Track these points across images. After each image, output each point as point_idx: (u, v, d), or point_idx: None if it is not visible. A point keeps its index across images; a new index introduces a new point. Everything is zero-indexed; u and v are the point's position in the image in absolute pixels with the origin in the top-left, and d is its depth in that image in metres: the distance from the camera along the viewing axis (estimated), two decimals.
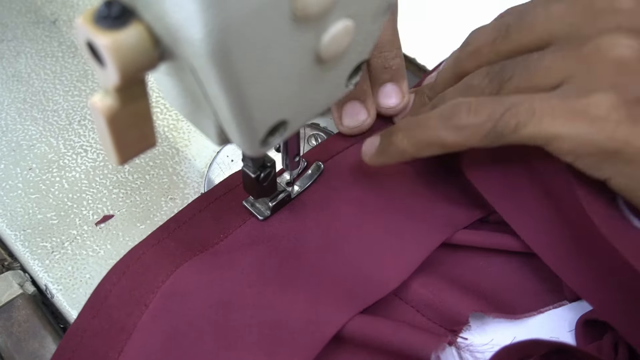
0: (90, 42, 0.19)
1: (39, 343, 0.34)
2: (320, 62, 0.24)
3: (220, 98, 0.21)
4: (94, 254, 0.37)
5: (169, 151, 0.42)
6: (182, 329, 0.31)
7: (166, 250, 0.33)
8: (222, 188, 0.37)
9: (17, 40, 0.49)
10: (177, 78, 0.24)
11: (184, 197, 0.40)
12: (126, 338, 0.31)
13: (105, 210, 0.39)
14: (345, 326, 0.30)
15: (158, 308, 0.31)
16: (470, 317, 0.32)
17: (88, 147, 0.43)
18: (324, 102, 0.27)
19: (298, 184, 0.37)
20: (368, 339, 0.30)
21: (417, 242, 0.34)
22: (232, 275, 0.33)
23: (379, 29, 0.26)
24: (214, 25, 0.18)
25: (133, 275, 0.32)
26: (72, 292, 0.36)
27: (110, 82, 0.20)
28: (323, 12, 0.21)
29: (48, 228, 0.38)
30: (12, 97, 0.46)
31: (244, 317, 0.31)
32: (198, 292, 0.32)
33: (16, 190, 0.40)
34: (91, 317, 0.31)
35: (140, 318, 0.31)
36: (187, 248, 0.34)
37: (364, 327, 0.30)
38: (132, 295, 0.32)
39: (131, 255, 0.33)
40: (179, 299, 0.32)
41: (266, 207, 0.35)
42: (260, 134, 0.25)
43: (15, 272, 0.37)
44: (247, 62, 0.20)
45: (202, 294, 0.32)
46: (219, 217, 0.35)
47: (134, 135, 0.23)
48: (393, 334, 0.30)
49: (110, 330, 0.31)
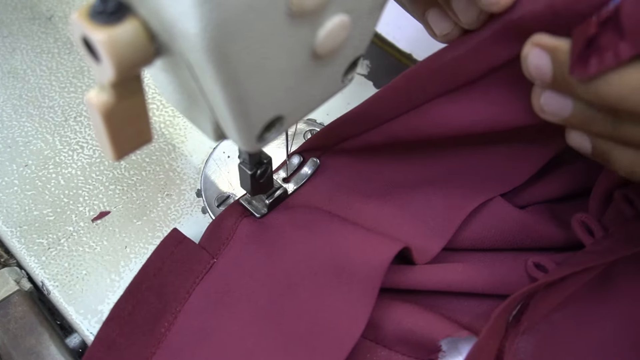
0: (85, 38, 0.19)
1: (36, 339, 0.34)
2: (317, 58, 0.24)
3: (216, 93, 0.21)
4: (91, 250, 0.37)
5: (166, 147, 0.42)
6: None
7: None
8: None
9: (13, 37, 0.49)
10: (173, 74, 0.24)
11: (181, 193, 0.40)
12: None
13: (102, 207, 0.39)
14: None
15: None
16: (442, 342, 0.31)
17: (84, 143, 0.42)
18: (320, 97, 0.27)
19: (294, 181, 0.37)
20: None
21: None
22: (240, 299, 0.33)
23: (374, 24, 0.26)
24: (210, 20, 0.18)
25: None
26: (68, 288, 0.36)
27: (105, 77, 0.20)
28: (319, 7, 0.21)
29: (44, 224, 0.38)
30: (7, 93, 0.45)
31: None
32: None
33: (12, 187, 0.40)
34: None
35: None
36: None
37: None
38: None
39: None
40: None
41: (263, 204, 0.35)
42: (256, 129, 0.25)
43: (12, 269, 0.37)
44: (243, 57, 0.20)
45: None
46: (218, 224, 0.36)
47: (130, 132, 0.23)
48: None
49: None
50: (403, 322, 0.32)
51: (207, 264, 0.34)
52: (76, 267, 0.36)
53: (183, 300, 0.33)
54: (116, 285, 0.36)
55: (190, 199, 0.40)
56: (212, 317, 0.32)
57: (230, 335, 0.31)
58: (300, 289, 0.32)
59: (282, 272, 0.33)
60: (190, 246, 0.34)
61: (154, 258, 0.34)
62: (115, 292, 0.36)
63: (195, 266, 0.34)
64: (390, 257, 0.31)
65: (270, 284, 0.33)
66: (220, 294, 0.33)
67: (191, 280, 0.33)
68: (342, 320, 0.31)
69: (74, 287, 0.36)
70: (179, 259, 0.34)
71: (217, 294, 0.33)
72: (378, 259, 0.31)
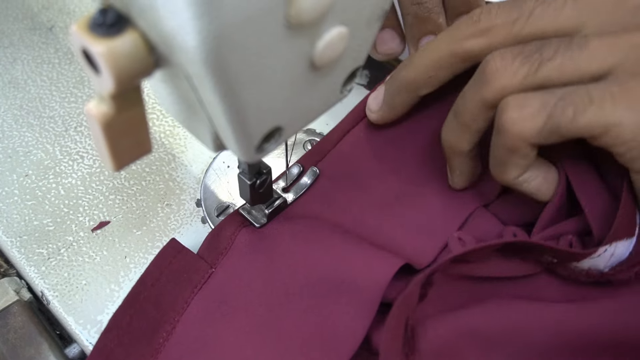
0: (85, 50, 0.19)
1: (35, 350, 0.34)
2: (315, 69, 0.24)
3: (215, 104, 0.21)
4: (90, 260, 0.37)
5: (165, 157, 0.42)
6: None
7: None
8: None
9: (14, 47, 0.49)
10: (172, 85, 0.24)
11: (180, 203, 0.40)
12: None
13: (102, 217, 0.39)
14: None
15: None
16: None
17: (84, 153, 0.43)
18: (318, 108, 0.27)
19: (294, 191, 0.37)
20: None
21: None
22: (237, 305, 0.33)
23: (373, 35, 0.26)
24: (208, 32, 0.18)
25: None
26: (68, 298, 0.36)
27: (105, 89, 0.20)
28: (317, 19, 0.21)
29: (44, 234, 0.38)
30: (8, 103, 0.46)
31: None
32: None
33: (12, 197, 0.40)
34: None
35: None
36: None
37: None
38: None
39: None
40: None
41: (262, 214, 0.35)
42: (255, 140, 0.25)
43: (12, 279, 0.37)
44: (242, 68, 0.20)
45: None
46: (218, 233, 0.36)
47: (130, 142, 0.23)
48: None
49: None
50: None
51: (206, 273, 0.34)
52: (76, 277, 0.36)
53: (181, 310, 0.33)
54: (116, 296, 0.36)
55: (190, 209, 0.40)
56: (210, 327, 0.32)
57: (228, 345, 0.31)
58: (298, 299, 0.32)
59: (280, 281, 0.33)
60: (188, 256, 0.34)
61: (152, 268, 0.34)
62: (115, 302, 0.36)
63: (193, 276, 0.34)
64: (391, 273, 0.31)
65: (268, 293, 0.33)
66: (218, 303, 0.33)
67: (189, 290, 0.33)
68: (340, 331, 0.31)
69: (73, 297, 0.36)
70: (177, 269, 0.34)
71: (216, 304, 0.33)
72: (379, 273, 0.31)
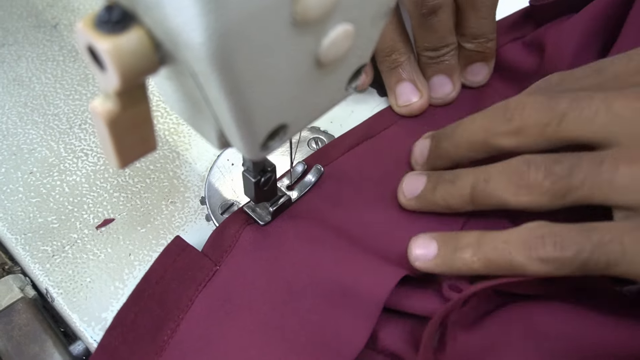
0: (90, 47, 0.19)
1: (40, 347, 0.34)
2: (320, 66, 0.24)
3: (220, 102, 0.21)
4: (95, 258, 0.37)
5: (170, 155, 0.42)
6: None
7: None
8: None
9: (18, 44, 0.49)
10: (177, 82, 0.24)
11: (185, 201, 0.40)
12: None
13: (106, 214, 0.39)
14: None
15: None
16: None
17: (89, 150, 0.43)
18: (324, 105, 0.27)
19: (298, 188, 0.37)
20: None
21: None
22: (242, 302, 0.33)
23: (378, 33, 0.26)
24: (214, 29, 0.18)
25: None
26: (72, 295, 0.36)
27: (110, 86, 0.20)
28: (323, 16, 0.21)
29: (49, 232, 0.38)
30: (13, 101, 0.46)
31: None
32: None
33: (17, 194, 0.40)
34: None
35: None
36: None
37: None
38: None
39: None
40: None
41: (267, 212, 0.35)
42: (260, 137, 0.25)
43: (16, 276, 0.37)
44: (247, 66, 0.20)
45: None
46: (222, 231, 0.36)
47: (134, 139, 0.23)
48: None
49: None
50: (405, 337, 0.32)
51: (210, 271, 0.34)
52: (80, 274, 0.37)
53: (185, 308, 0.32)
54: (120, 293, 0.36)
55: (194, 207, 0.40)
56: (214, 325, 0.32)
57: (232, 343, 0.31)
58: (301, 298, 0.32)
59: (284, 280, 0.33)
60: (192, 254, 0.34)
61: (156, 266, 0.34)
62: (119, 299, 0.36)
63: (197, 274, 0.34)
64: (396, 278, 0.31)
65: (272, 291, 0.33)
66: (222, 301, 0.33)
67: (193, 288, 0.33)
68: (343, 331, 0.31)
69: (78, 295, 0.36)
70: (182, 267, 0.34)
71: (220, 302, 0.33)
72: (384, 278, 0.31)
